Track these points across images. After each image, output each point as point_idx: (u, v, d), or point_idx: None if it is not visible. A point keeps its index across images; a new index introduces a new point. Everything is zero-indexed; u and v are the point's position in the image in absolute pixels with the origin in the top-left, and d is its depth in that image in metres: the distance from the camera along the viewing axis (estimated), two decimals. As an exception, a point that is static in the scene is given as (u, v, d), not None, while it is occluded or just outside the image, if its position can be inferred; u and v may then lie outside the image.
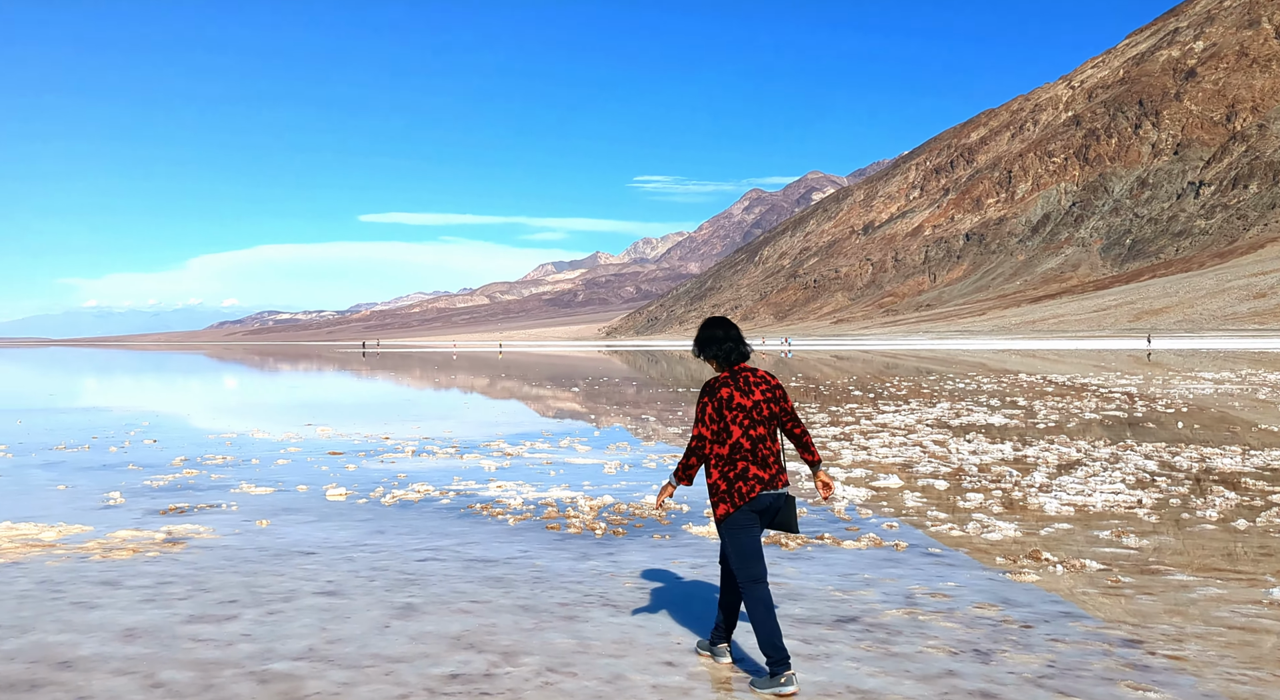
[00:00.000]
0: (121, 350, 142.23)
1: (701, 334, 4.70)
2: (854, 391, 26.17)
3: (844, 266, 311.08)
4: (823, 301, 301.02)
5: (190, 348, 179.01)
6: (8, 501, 9.53)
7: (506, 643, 4.99)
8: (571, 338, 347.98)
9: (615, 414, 20.45)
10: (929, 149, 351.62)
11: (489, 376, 41.52)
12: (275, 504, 9.39)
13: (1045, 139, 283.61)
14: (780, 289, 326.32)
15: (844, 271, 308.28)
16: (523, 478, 11.00)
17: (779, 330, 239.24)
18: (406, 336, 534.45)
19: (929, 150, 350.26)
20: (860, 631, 5.19)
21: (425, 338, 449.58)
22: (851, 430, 15.53)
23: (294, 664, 4.67)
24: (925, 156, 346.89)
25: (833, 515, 8.60)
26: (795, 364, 51.41)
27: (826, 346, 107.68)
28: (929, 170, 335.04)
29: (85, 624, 5.31)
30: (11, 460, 12.80)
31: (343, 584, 6.23)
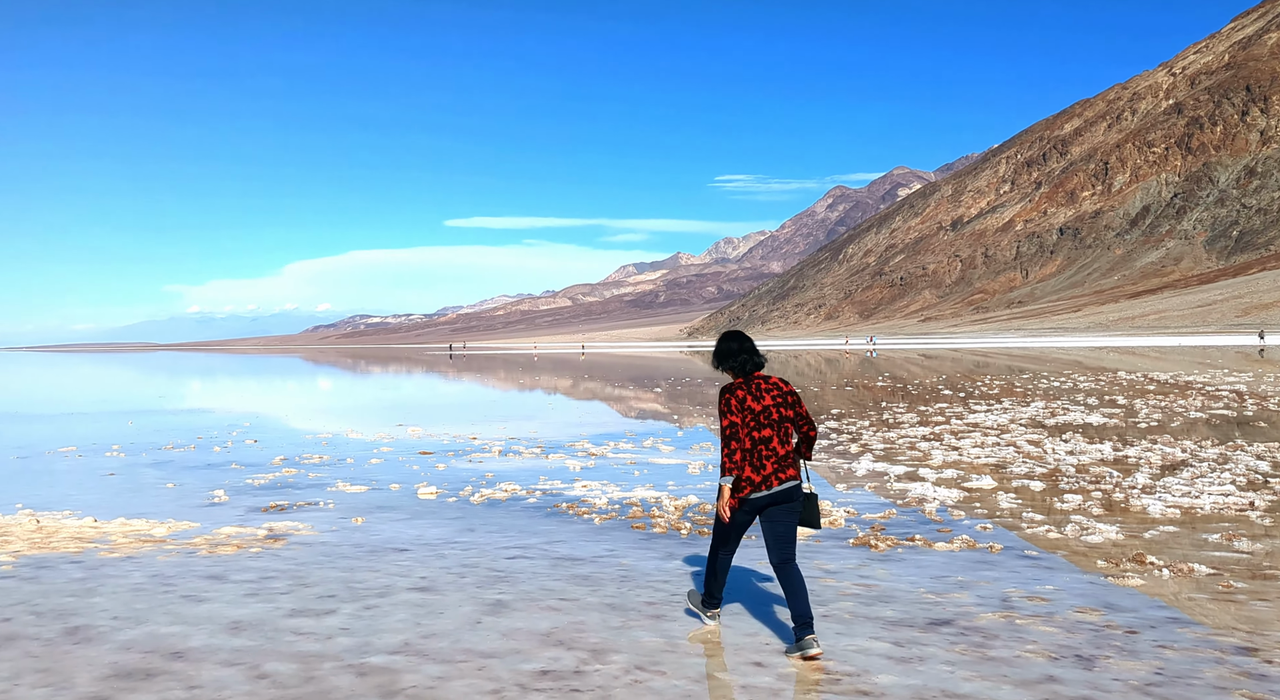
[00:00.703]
0: (222, 354, 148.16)
1: (719, 347, 5.16)
2: (943, 391, 25.58)
3: (931, 263, 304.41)
4: (909, 299, 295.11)
5: (287, 351, 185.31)
6: (121, 499, 10.01)
7: (595, 640, 5.02)
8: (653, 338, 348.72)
9: (698, 414, 20.42)
10: (1020, 141, 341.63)
11: (572, 378, 41.91)
12: (369, 502, 9.64)
13: (1144, 128, 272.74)
14: (865, 287, 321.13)
15: (931, 268, 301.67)
16: (607, 477, 11.07)
17: (864, 329, 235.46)
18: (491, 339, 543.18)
19: (1020, 143, 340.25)
20: (955, 635, 5.07)
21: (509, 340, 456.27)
22: (942, 430, 15.19)
23: (390, 658, 4.79)
24: (1016, 149, 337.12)
25: (924, 516, 8.43)
26: (881, 363, 50.52)
27: (914, 345, 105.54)
28: (1020, 163, 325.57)
29: (194, 616, 5.54)
30: (124, 459, 13.43)
31: (435, 580, 6.36)
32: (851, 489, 10.04)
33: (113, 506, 9.44)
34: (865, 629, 5.18)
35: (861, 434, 15.10)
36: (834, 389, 28.80)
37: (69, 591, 6.10)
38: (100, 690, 4.35)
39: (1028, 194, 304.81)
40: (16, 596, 5.98)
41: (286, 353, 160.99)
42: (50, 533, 8.04)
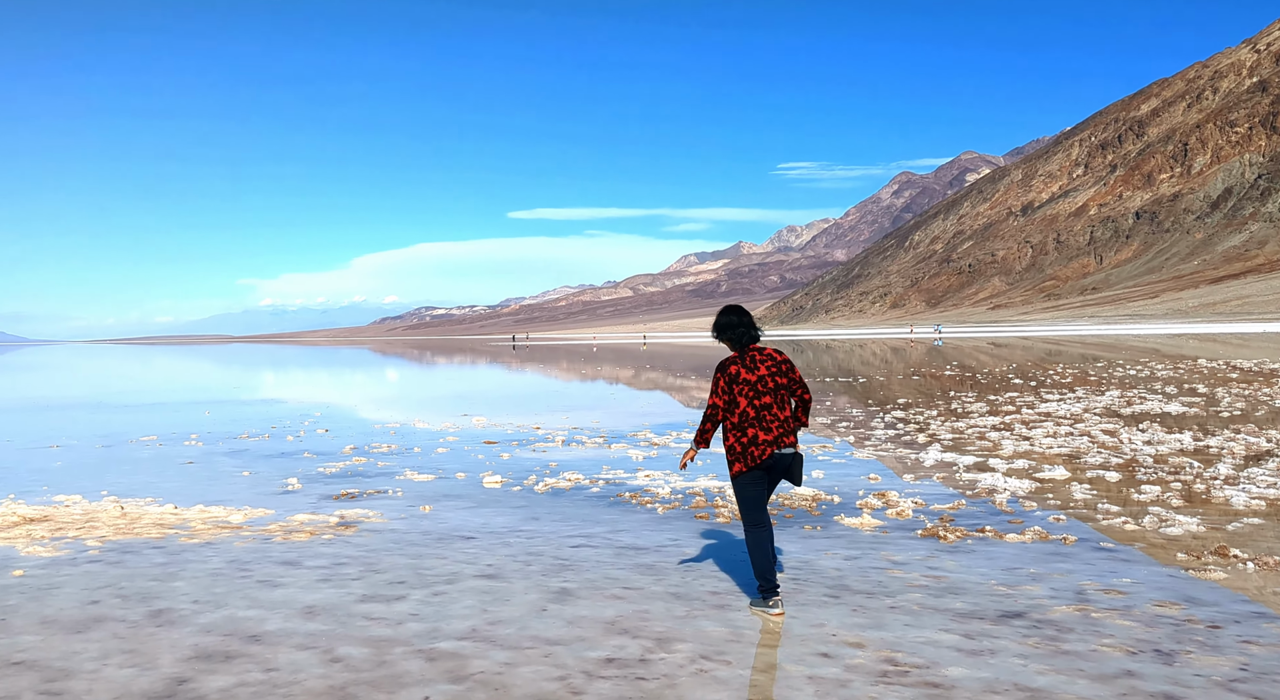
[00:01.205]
0: (294, 346, 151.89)
1: (719, 320, 5.60)
2: (1014, 380, 25.04)
3: (1001, 250, 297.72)
4: (978, 287, 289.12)
5: (355, 342, 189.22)
6: (199, 486, 10.33)
7: (660, 629, 5.03)
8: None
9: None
10: (1094, 123, 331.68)
11: (633, 368, 42.02)
12: (436, 490, 9.80)
13: (1226, 108, 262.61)
14: (932, 275, 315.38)
15: (1001, 255, 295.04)
16: (670, 467, 11.07)
17: (931, 318, 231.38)
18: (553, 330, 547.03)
19: (1094, 125, 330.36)
20: (1027, 628, 4.96)
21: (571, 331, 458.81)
22: (1012, 419, 14.86)
23: (459, 643, 4.86)
24: (1090, 131, 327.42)
25: (994, 507, 8.26)
26: (949, 351, 49.65)
27: (982, 334, 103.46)
28: (1094, 146, 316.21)
29: (270, 601, 5.69)
30: (202, 448, 13.86)
31: (501, 568, 6.44)
32: (919, 480, 9.89)
33: (192, 494, 9.75)
34: (934, 621, 5.09)
35: (929, 424, 14.85)
36: (900, 378, 28.39)
37: (152, 575, 6.31)
38: (182, 671, 4.49)
39: (1102, 177, 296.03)
40: (103, 579, 6.21)
41: (355, 344, 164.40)
42: (134, 519, 8.33)
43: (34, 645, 4.89)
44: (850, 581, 5.93)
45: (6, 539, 7.49)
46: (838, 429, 14.89)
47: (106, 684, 4.34)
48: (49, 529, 7.88)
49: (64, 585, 6.07)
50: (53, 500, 9.35)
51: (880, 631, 4.93)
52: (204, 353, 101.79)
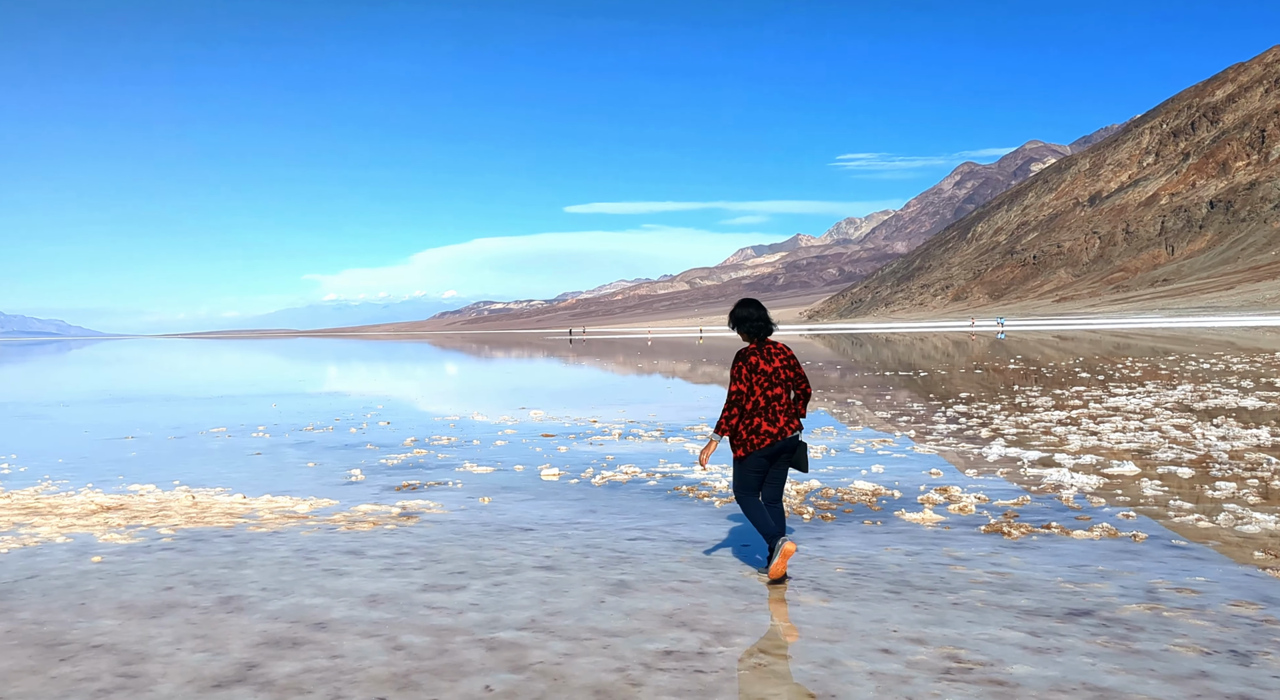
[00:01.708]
0: (356, 340, 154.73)
1: (737, 312, 5.87)
2: (1080, 373, 24.44)
3: (1067, 241, 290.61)
4: (1043, 279, 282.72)
5: (415, 337, 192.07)
6: (267, 477, 10.59)
7: (718, 622, 5.02)
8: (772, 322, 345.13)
9: (819, 398, 20.12)
10: (1166, 110, 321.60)
11: (690, 361, 41.95)
12: (495, 482, 9.90)
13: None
14: (996, 267, 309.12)
15: (1067, 246, 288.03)
16: (727, 461, 11.02)
17: (994, 310, 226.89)
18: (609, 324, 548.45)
19: (1166, 112, 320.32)
20: (1096, 626, 4.84)
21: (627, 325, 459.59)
22: (1079, 414, 14.52)
23: (518, 633, 4.91)
24: (1161, 119, 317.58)
25: (1060, 503, 8.08)
26: (1012, 345, 48.66)
27: (1048, 326, 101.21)
28: (1166, 134, 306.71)
29: (335, 589, 5.81)
30: (269, 440, 14.20)
31: (559, 560, 6.48)
32: (982, 475, 9.71)
33: (259, 484, 9.99)
34: (998, 618, 5.00)
35: (992, 418, 14.58)
36: (962, 372, 27.91)
37: (222, 563, 6.49)
38: (252, 657, 4.61)
39: (1174, 166, 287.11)
40: (176, 567, 6.40)
41: (415, 338, 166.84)
42: (204, 508, 8.57)
43: (112, 629, 5.06)
44: (911, 577, 5.85)
45: (85, 526, 7.76)
46: (898, 423, 14.70)
47: (180, 668, 4.47)
48: (125, 517, 8.14)
49: (139, 572, 6.27)
50: (128, 489, 9.66)
51: (942, 628, 4.86)
52: (269, 347, 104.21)
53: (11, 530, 7.63)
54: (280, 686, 4.22)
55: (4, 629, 5.08)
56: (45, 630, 5.05)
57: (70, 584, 5.97)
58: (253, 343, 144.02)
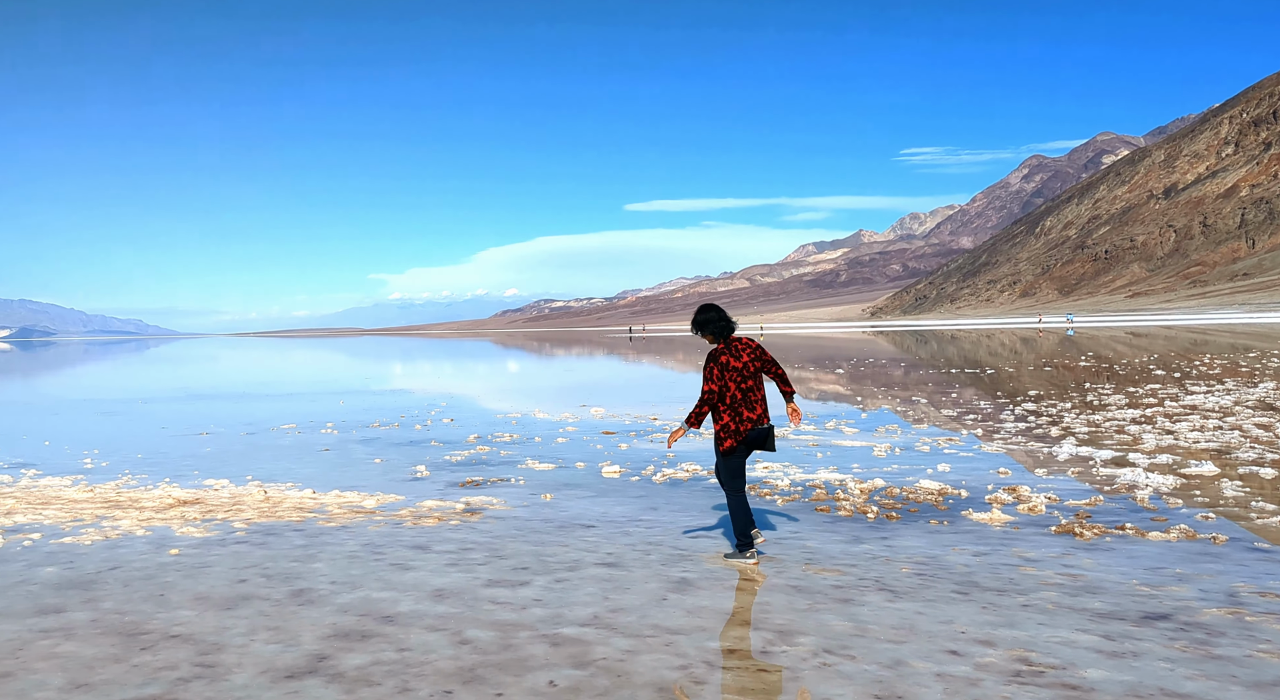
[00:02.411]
0: (420, 338, 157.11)
1: (698, 318, 6.36)
2: (1155, 371, 23.72)
3: (1140, 235, 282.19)
4: (1115, 274, 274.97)
5: (477, 335, 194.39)
6: (335, 472, 10.81)
7: (781, 621, 4.98)
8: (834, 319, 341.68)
9: (882, 396, 19.86)
10: (1246, 99, 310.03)
11: (753, 359, 41.69)
12: (557, 479, 9.97)
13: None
14: (1065, 261, 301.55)
15: (1140, 240, 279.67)
16: (789, 459, 10.95)
17: (1064, 306, 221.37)
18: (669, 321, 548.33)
19: (1246, 101, 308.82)
20: (1173, 630, 4.69)
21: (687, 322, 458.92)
22: (1154, 412, 14.09)
23: (581, 629, 4.94)
24: (1241, 108, 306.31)
25: (1135, 504, 7.85)
26: (1082, 341, 47.45)
27: (1120, 322, 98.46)
28: (1246, 123, 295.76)
29: (402, 583, 5.91)
30: (337, 436, 14.50)
31: (621, 556, 6.50)
32: (1052, 474, 9.49)
33: (328, 479, 10.21)
34: (1070, 621, 4.88)
35: (1062, 416, 14.23)
36: (1031, 369, 27.29)
37: (293, 557, 6.65)
38: (323, 649, 4.71)
39: (1255, 156, 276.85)
40: (250, 560, 6.58)
41: (477, 336, 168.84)
42: (276, 502, 8.79)
43: (189, 620, 5.22)
44: (979, 578, 5.74)
45: (163, 519, 8.02)
46: (964, 422, 14.43)
47: (254, 658, 4.59)
48: (200, 511, 8.39)
49: (214, 564, 6.46)
50: (203, 484, 9.95)
51: (1012, 630, 4.76)
52: (336, 345, 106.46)
53: (95, 523, 7.91)
54: (350, 678, 4.31)
55: (89, 618, 5.27)
56: (127, 620, 5.23)
57: (150, 575, 6.17)
58: (321, 341, 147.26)
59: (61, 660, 4.59)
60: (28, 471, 11.16)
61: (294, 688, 4.20)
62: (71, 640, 4.88)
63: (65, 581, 6.05)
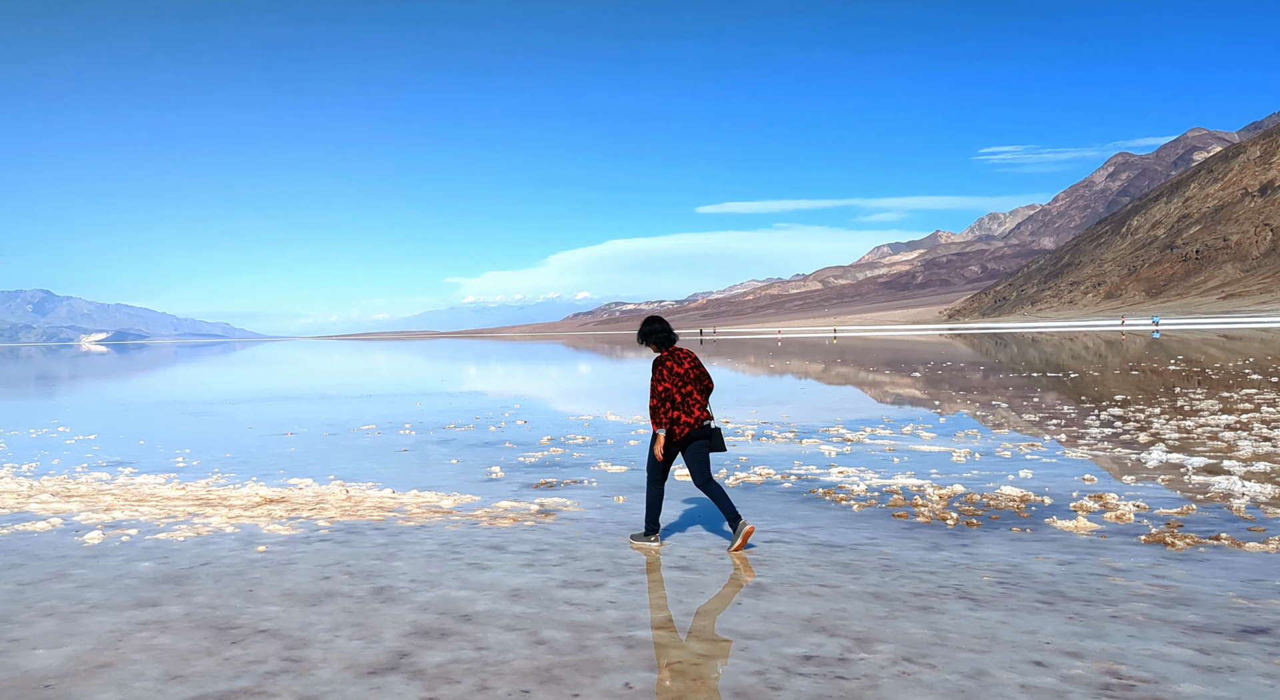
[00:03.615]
0: (493, 341, 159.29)
1: (644, 328, 6.98)
2: (1251, 375, 22.75)
3: (1234, 234, 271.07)
4: (1207, 275, 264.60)
5: (549, 337, 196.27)
6: (414, 472, 11.03)
7: (859, 629, 4.92)
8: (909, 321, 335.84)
9: (961, 400, 19.44)
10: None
11: (823, 362, 41.27)
12: (629, 482, 10.00)
13: None
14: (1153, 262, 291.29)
15: (1235, 240, 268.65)
16: (865, 464, 10.80)
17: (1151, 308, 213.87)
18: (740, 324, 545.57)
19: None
20: (1273, 645, 4.49)
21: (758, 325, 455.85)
22: (1250, 418, 13.52)
23: (656, 632, 4.94)
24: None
25: (1231, 513, 7.54)
26: (1170, 345, 45.77)
27: (1212, 325, 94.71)
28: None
29: (479, 583, 6.00)
30: (415, 437, 14.79)
31: (695, 560, 6.50)
32: (1141, 481, 9.17)
33: (406, 479, 10.42)
34: (1162, 633, 4.71)
35: (1151, 422, 13.75)
36: (1116, 373, 26.43)
37: (374, 555, 6.80)
38: (404, 646, 4.81)
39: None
40: (333, 557, 6.75)
41: (549, 339, 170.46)
42: (357, 501, 9.00)
43: (277, 615, 5.38)
44: (1065, 588, 5.58)
45: (250, 517, 8.28)
46: (1046, 427, 14.05)
47: (338, 654, 4.71)
48: (286, 509, 8.64)
49: (299, 561, 6.64)
50: (288, 483, 10.25)
51: (1100, 642, 4.61)
52: (413, 348, 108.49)
53: (187, 520, 8.22)
54: (430, 676, 4.39)
55: (183, 612, 5.47)
56: (218, 614, 5.41)
57: (239, 571, 6.38)
58: (398, 344, 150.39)
59: (158, 652, 4.78)
60: (125, 470, 11.64)
61: (377, 684, 4.30)
62: (166, 633, 5.08)
63: (160, 576, 6.29)
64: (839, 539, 7.08)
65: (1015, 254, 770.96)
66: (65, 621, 5.30)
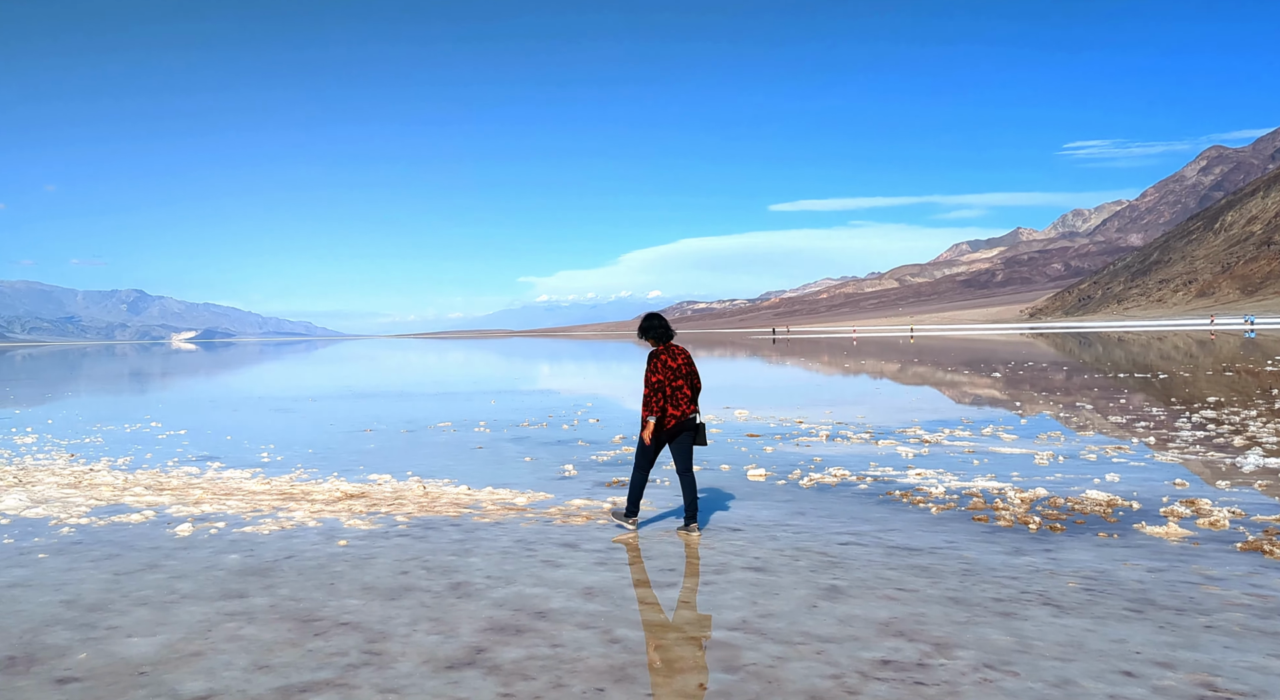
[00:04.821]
0: (566, 340, 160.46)
1: (643, 325, 7.43)
2: (1355, 376, 21.64)
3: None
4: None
5: (621, 337, 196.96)
6: (489, 470, 11.18)
7: (938, 634, 4.82)
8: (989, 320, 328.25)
9: (1043, 401, 18.91)
10: None
11: (899, 361, 40.58)
12: (701, 481, 9.94)
13: None
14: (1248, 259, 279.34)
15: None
16: (943, 466, 10.58)
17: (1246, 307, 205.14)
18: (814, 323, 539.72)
19: None
20: (1384, 664, 4.26)
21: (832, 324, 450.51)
22: (1354, 422, 12.85)
23: (730, 633, 4.92)
24: None
25: (1334, 523, 7.17)
26: (1267, 344, 43.81)
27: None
28: None
29: (553, 580, 6.04)
30: (489, 435, 14.99)
31: (768, 561, 6.44)
32: (1236, 487, 8.80)
33: (481, 476, 10.56)
34: (1261, 645, 4.51)
35: (1247, 425, 13.18)
36: (1209, 374, 25.41)
37: (450, 551, 6.91)
38: (480, 641, 4.88)
39: None
40: (411, 552, 6.88)
41: (620, 338, 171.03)
42: (434, 497, 9.16)
43: (357, 608, 5.50)
44: (1155, 596, 5.38)
45: (332, 512, 8.49)
46: (1134, 429, 13.57)
47: (417, 648, 4.79)
48: (365, 505, 8.84)
49: (379, 556, 6.79)
50: (368, 478, 10.48)
51: (1193, 652, 4.43)
52: (487, 346, 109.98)
53: (272, 514, 8.46)
54: (506, 671, 4.44)
55: (268, 603, 5.63)
56: (301, 606, 5.56)
57: (321, 565, 6.55)
58: (473, 343, 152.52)
59: (245, 642, 4.93)
60: (213, 464, 12.05)
61: (454, 678, 4.36)
62: (253, 624, 5.23)
63: (247, 568, 6.49)
64: (916, 542, 6.95)
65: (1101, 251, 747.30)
66: (158, 611, 5.50)
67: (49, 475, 11.03)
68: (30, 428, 17.33)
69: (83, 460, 12.53)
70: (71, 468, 11.73)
